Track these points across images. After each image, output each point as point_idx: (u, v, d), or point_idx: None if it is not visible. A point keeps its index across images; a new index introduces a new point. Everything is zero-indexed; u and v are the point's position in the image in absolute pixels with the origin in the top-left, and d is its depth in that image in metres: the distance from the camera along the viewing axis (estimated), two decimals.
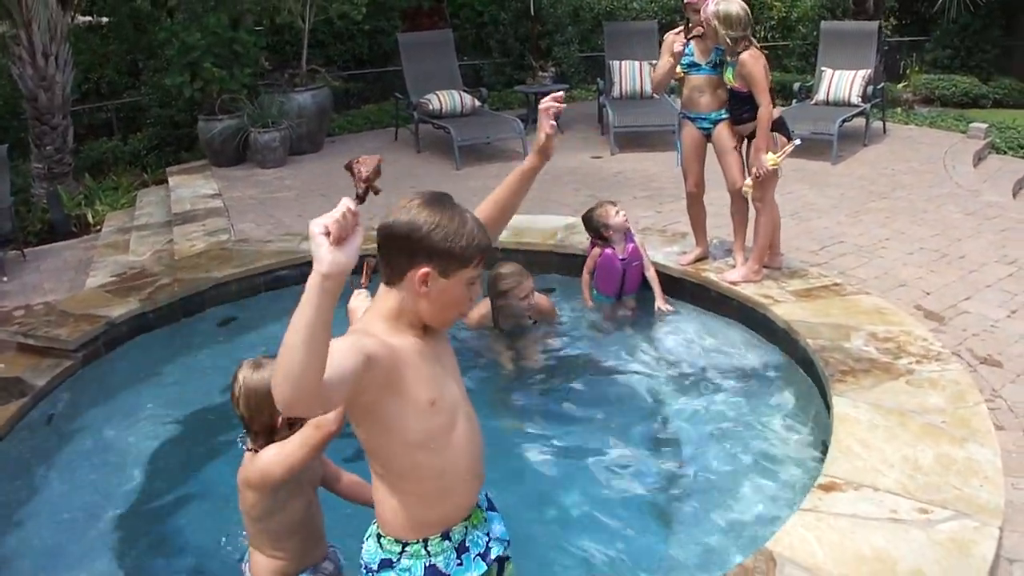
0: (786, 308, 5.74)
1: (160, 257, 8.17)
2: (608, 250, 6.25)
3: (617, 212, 6.22)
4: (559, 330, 6.19)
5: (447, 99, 11.81)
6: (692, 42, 6.08)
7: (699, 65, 6.18)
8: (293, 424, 3.18)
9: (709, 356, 5.84)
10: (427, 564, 2.59)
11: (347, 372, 2.10)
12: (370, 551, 2.64)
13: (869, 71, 11.36)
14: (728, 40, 5.81)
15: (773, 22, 18.38)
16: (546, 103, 2.86)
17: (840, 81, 11.36)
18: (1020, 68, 17.24)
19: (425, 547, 2.59)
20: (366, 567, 2.64)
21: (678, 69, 6.18)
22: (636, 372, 5.77)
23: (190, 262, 7.40)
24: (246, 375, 3.23)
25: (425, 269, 2.34)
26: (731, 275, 6.23)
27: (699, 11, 5.95)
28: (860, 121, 11.52)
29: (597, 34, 16.29)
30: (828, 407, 4.71)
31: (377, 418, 2.39)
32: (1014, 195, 9.63)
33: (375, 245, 2.39)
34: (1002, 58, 17.01)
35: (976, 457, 4.06)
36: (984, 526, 3.61)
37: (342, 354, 2.10)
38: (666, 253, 6.78)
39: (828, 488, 3.87)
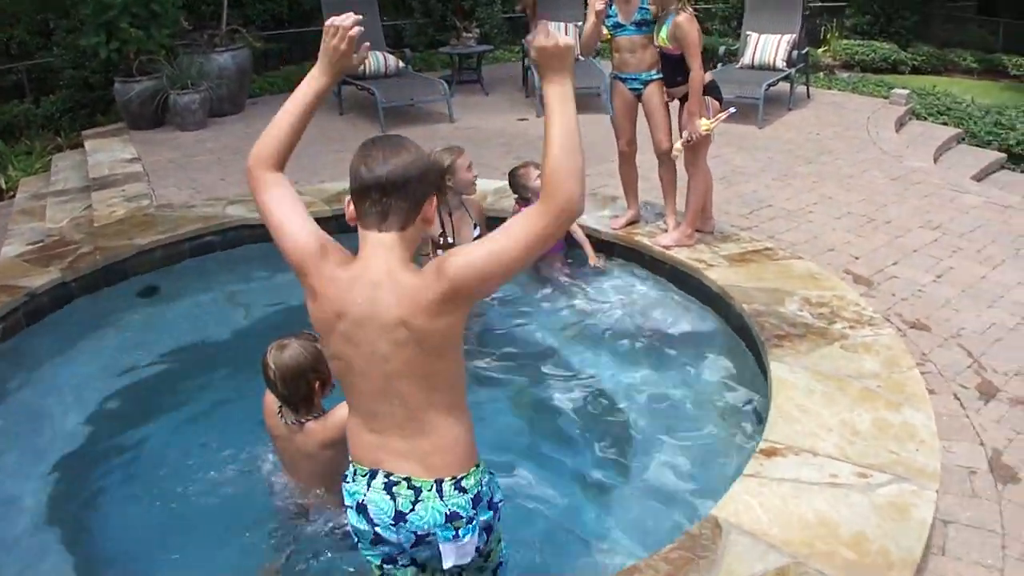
0: (720, 272, 5.74)
1: (79, 224, 7.87)
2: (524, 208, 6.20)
3: (538, 175, 6.14)
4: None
5: (371, 60, 11.52)
6: (615, 2, 6.02)
7: (623, 26, 6.12)
8: (325, 386, 3.48)
9: (644, 320, 5.83)
10: (490, 472, 2.73)
11: None
12: (461, 504, 2.56)
13: (794, 36, 11.40)
14: None
15: None
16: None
17: (765, 45, 11.39)
18: (938, 36, 17.54)
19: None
20: (468, 520, 2.58)
21: (604, 31, 6.12)
22: (571, 336, 5.76)
23: (111, 229, 7.16)
24: (276, 358, 3.43)
25: (433, 194, 2.53)
26: (664, 239, 6.22)
27: None
28: (785, 85, 11.57)
29: None
30: (764, 372, 4.73)
31: (460, 334, 2.50)
32: (935, 160, 9.77)
33: (388, 189, 2.41)
34: (921, 25, 17.28)
35: (912, 421, 4.11)
36: (922, 489, 3.66)
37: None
38: (597, 217, 6.73)
39: (769, 453, 3.89)
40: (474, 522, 2.59)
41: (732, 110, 6.21)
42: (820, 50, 16.29)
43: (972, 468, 4.14)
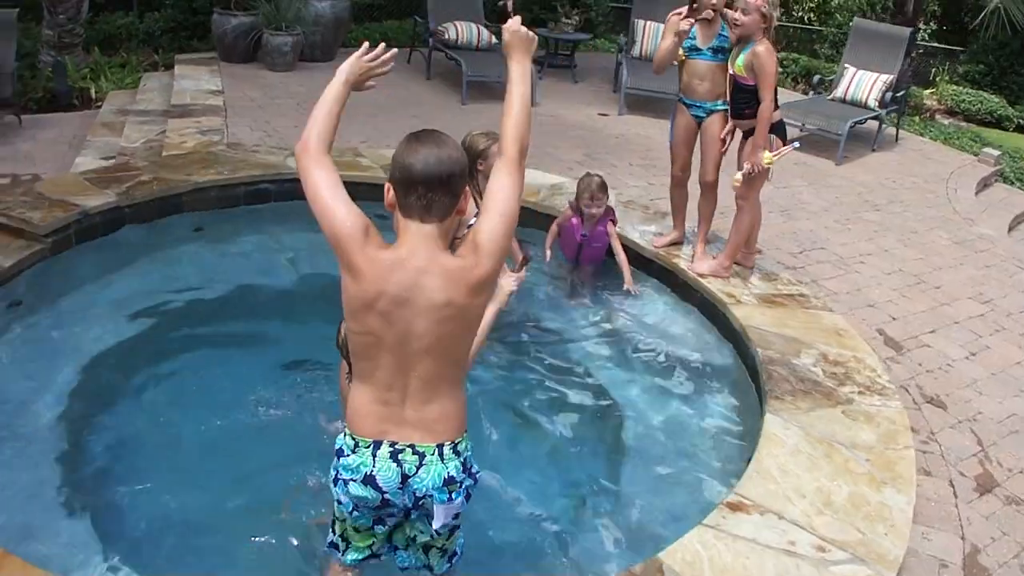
0: (745, 311, 5.70)
1: (151, 147, 8.10)
2: (575, 219, 6.21)
3: (597, 203, 6.09)
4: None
5: (464, 30, 11.59)
6: (696, 25, 5.94)
7: (700, 50, 6.02)
8: None
9: (662, 343, 5.79)
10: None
11: None
12: (457, 466, 2.85)
13: (892, 77, 11.15)
14: (764, 14, 5.64)
15: (812, 4, 18.14)
16: None
17: (861, 81, 11.17)
18: None
19: None
20: (461, 484, 2.87)
21: (679, 51, 6.05)
22: (585, 345, 5.75)
23: (175, 161, 7.32)
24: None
25: (467, 187, 2.84)
26: (700, 267, 6.18)
27: None
28: (873, 124, 11.36)
29: None
30: (762, 421, 4.68)
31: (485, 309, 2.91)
32: (1009, 230, 9.54)
33: (433, 184, 2.69)
34: None
35: (889, 503, 4.06)
36: None
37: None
38: (642, 231, 6.73)
39: (735, 507, 3.87)
40: (463, 485, 2.88)
41: (796, 144, 6.15)
42: (927, 91, 15.97)
43: (945, 561, 4.08)
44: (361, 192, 6.74)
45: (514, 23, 3.02)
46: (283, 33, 10.98)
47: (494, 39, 11.89)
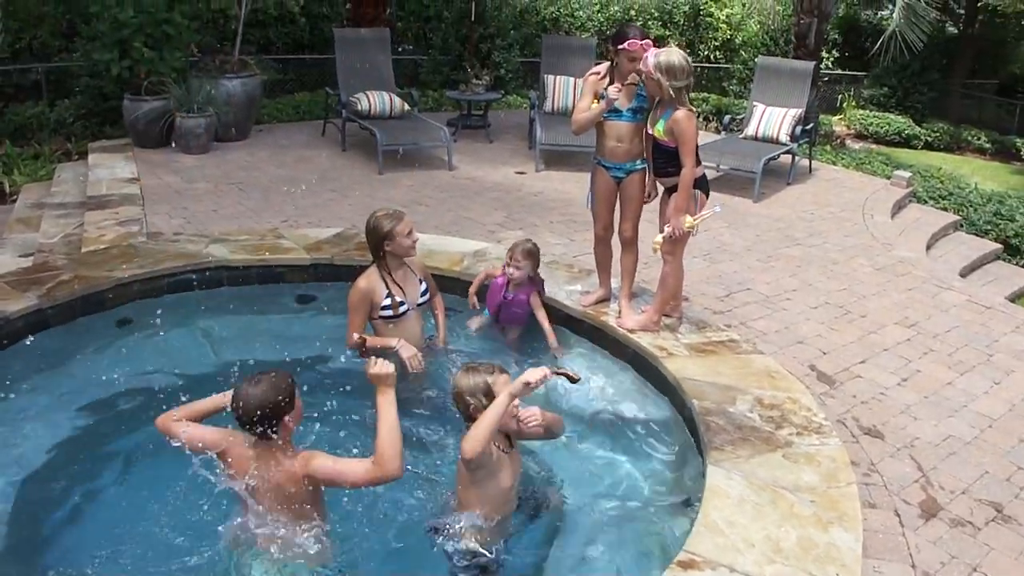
0: (678, 363, 5.73)
1: (70, 242, 7.97)
2: (501, 278, 6.24)
3: (515, 265, 6.11)
4: (441, 351, 6.08)
5: (376, 100, 11.61)
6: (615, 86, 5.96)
7: (620, 112, 6.01)
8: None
9: (598, 402, 5.78)
10: None
11: None
12: None
13: (800, 111, 11.42)
14: (671, 92, 5.65)
15: (717, 43, 18.48)
16: None
17: (770, 118, 11.41)
18: (955, 112, 17.58)
19: None
20: None
21: None
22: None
23: (94, 257, 7.19)
24: (457, 378, 4.26)
25: (291, 409, 3.84)
26: (628, 322, 6.19)
27: (637, 59, 5.79)
28: (787, 158, 11.59)
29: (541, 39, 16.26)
30: (705, 474, 4.70)
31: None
32: (928, 247, 9.76)
33: (248, 423, 3.74)
34: (938, 101, 17.32)
35: (838, 543, 4.09)
36: None
37: None
38: (568, 291, 6.74)
39: (686, 565, 3.87)
40: None
41: (717, 209, 6.19)
42: (835, 117, 16.33)
43: None
44: (284, 276, 6.76)
45: (369, 366, 3.70)
46: (195, 115, 10.92)
47: (406, 107, 11.95)
